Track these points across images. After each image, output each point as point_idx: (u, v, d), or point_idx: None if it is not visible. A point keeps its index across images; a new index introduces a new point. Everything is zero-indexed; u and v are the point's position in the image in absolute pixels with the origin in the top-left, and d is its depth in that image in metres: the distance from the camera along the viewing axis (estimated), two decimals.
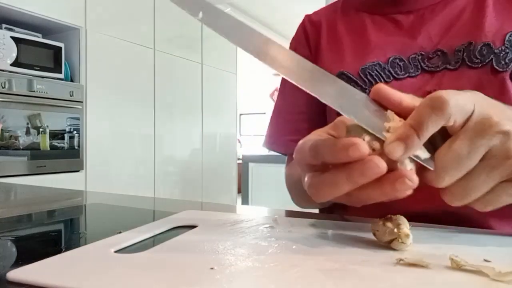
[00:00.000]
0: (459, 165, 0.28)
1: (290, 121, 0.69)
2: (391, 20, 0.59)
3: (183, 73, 3.21)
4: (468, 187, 0.29)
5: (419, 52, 0.54)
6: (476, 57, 0.50)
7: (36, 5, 2.15)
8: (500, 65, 0.49)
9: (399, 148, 0.27)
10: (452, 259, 0.27)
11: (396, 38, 0.57)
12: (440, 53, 0.53)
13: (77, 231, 0.45)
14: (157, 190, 2.95)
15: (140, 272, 0.26)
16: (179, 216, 0.45)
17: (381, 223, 0.32)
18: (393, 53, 0.56)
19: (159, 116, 2.96)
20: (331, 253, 0.31)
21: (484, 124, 0.28)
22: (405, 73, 0.54)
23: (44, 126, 2.19)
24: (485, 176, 0.28)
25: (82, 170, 2.38)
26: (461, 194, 0.29)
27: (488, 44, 0.50)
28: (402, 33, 0.57)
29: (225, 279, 0.25)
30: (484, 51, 0.50)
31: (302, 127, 0.65)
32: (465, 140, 0.28)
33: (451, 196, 0.30)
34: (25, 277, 0.25)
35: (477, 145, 0.28)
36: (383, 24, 0.59)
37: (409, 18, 0.57)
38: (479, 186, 0.29)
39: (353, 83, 0.56)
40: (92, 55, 2.43)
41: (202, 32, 3.43)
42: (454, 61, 0.51)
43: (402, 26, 0.57)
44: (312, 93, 0.29)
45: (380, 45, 0.57)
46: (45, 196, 0.79)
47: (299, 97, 0.68)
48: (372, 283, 0.24)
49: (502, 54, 0.49)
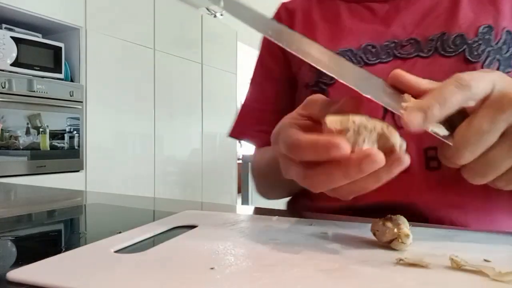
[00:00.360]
0: (480, 140, 0.28)
1: (258, 111, 0.69)
2: (367, 8, 0.59)
3: (183, 73, 3.21)
4: (489, 163, 0.29)
5: (392, 40, 0.55)
6: (449, 46, 0.51)
7: (36, 5, 2.15)
8: (472, 56, 0.49)
9: (419, 116, 0.27)
10: (452, 259, 0.27)
11: (370, 25, 0.57)
12: (413, 41, 0.53)
13: (77, 231, 0.45)
14: (157, 190, 2.95)
15: (140, 272, 0.26)
16: (179, 216, 0.45)
17: (381, 223, 0.32)
18: (367, 40, 0.56)
19: (159, 116, 2.96)
20: (331, 253, 0.31)
21: (504, 100, 0.28)
22: (376, 59, 0.55)
23: (44, 126, 2.19)
24: (506, 151, 0.28)
25: (82, 170, 2.38)
26: (482, 170, 0.29)
27: (461, 35, 0.50)
28: (377, 21, 0.57)
29: (225, 279, 0.25)
30: (458, 41, 0.50)
31: (271, 118, 0.64)
32: (485, 116, 0.28)
33: (473, 173, 0.30)
34: (25, 277, 0.25)
35: (498, 120, 0.28)
36: (358, 11, 0.59)
37: (384, 7, 0.58)
38: (500, 162, 0.29)
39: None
40: (92, 55, 2.43)
41: (202, 32, 3.44)
42: (427, 49, 0.52)
43: (377, 14, 0.58)
44: (332, 73, 0.30)
45: (354, 32, 0.57)
46: (45, 196, 0.79)
47: (268, 90, 0.69)
48: (372, 283, 0.24)
49: (475, 45, 0.50)
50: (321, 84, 0.57)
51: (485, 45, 0.49)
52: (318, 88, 0.57)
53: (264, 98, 0.69)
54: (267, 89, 0.69)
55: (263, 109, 0.68)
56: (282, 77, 0.67)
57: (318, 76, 0.57)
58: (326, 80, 0.56)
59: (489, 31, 0.50)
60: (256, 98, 0.70)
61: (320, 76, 0.57)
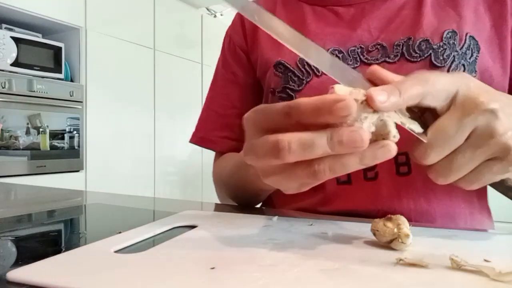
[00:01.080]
0: (446, 142, 0.29)
1: (221, 116, 0.66)
2: (332, 12, 0.58)
3: (183, 73, 3.21)
4: (453, 165, 0.30)
5: (358, 45, 0.54)
6: (415, 51, 0.51)
7: (36, 5, 2.15)
8: (438, 60, 0.50)
9: (383, 94, 0.27)
10: (452, 259, 0.27)
11: (336, 29, 0.56)
12: (379, 47, 0.53)
13: (77, 231, 0.45)
14: (157, 190, 2.95)
15: (140, 272, 0.26)
16: (179, 216, 0.45)
17: (381, 223, 0.32)
18: (332, 44, 0.55)
19: (159, 116, 2.96)
20: (331, 253, 0.31)
21: (470, 103, 0.29)
22: None
23: (44, 126, 2.19)
24: (470, 154, 0.29)
25: (82, 170, 2.38)
26: (446, 171, 0.30)
27: (427, 40, 0.51)
28: (342, 25, 0.56)
29: (225, 279, 0.25)
30: (423, 46, 0.51)
31: (234, 123, 0.63)
32: (452, 119, 0.29)
33: (436, 174, 0.31)
34: (25, 277, 0.25)
35: (463, 123, 0.29)
36: (323, 15, 0.58)
37: (350, 11, 0.57)
38: (464, 164, 0.30)
39: (290, 73, 0.55)
40: (92, 55, 2.43)
41: (202, 32, 3.44)
42: (393, 55, 0.52)
43: (342, 18, 0.57)
44: (308, 59, 0.30)
45: (319, 36, 0.56)
46: (45, 196, 0.79)
47: (232, 94, 0.66)
48: (372, 283, 0.24)
49: (440, 50, 0.50)
50: (288, 90, 0.55)
51: (450, 50, 0.50)
52: (285, 94, 0.56)
53: (228, 103, 0.66)
54: (231, 93, 0.66)
55: (226, 114, 0.65)
56: (246, 82, 0.65)
57: (285, 81, 0.56)
58: (293, 86, 0.55)
59: (453, 36, 0.50)
60: (219, 103, 0.67)
61: (287, 82, 0.55)
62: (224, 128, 0.65)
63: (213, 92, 0.69)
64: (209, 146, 0.67)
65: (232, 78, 0.66)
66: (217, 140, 0.65)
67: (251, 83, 0.64)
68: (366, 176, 0.51)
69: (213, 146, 0.67)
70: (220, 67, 0.69)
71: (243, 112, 0.64)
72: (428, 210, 0.50)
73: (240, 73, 0.65)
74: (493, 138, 0.29)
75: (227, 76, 0.67)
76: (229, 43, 0.68)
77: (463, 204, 0.52)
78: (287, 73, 0.56)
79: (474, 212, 0.53)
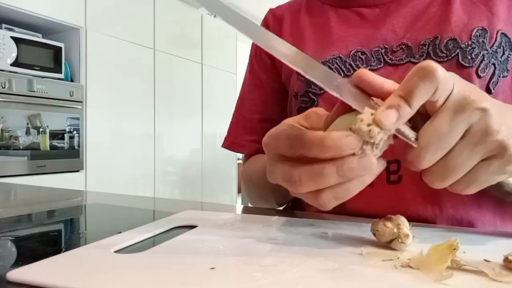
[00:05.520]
0: (440, 142, 0.28)
1: (248, 120, 0.68)
2: (356, 13, 0.57)
3: (183, 73, 3.21)
4: (449, 166, 0.29)
5: (382, 45, 0.53)
6: (441, 51, 0.49)
7: (36, 5, 2.15)
8: (466, 60, 0.48)
9: (393, 115, 0.26)
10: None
11: (359, 30, 0.55)
12: (404, 47, 0.51)
13: (77, 231, 0.45)
14: (157, 190, 2.95)
15: (140, 272, 0.26)
16: (179, 216, 0.45)
17: (381, 223, 0.32)
18: (356, 46, 0.54)
19: (159, 116, 2.95)
20: (331, 253, 0.31)
21: (463, 102, 0.28)
22: (366, 66, 0.53)
23: (44, 126, 2.19)
24: (466, 153, 0.28)
25: (82, 170, 2.38)
26: (443, 173, 0.29)
27: (454, 39, 0.49)
28: (366, 25, 0.55)
29: (225, 279, 0.25)
30: (450, 46, 0.49)
31: (261, 127, 0.65)
32: (445, 118, 0.28)
33: (432, 177, 0.29)
34: (25, 277, 0.25)
35: (457, 122, 0.28)
36: (347, 17, 0.58)
37: (375, 12, 0.56)
38: (461, 164, 0.28)
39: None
40: (92, 55, 2.43)
41: (202, 32, 3.44)
42: (418, 55, 0.50)
43: (366, 19, 0.56)
44: (296, 67, 0.29)
45: (343, 38, 0.55)
46: (45, 196, 0.79)
47: (257, 98, 0.67)
48: (372, 283, 0.24)
49: (469, 49, 0.48)
50: (310, 93, 0.56)
51: (479, 49, 0.47)
52: (307, 98, 0.56)
53: (254, 107, 0.67)
54: (257, 98, 0.67)
55: (253, 118, 0.67)
56: (270, 86, 0.66)
57: (307, 85, 0.56)
58: (315, 90, 0.55)
59: (483, 34, 0.48)
60: (246, 107, 0.69)
61: (309, 85, 0.56)
62: (251, 132, 0.66)
63: (242, 97, 0.71)
64: (238, 149, 0.69)
65: (258, 83, 0.68)
66: (246, 144, 0.67)
67: (277, 88, 0.65)
68: (389, 179, 0.49)
69: (242, 150, 0.69)
70: (248, 72, 0.71)
71: (268, 116, 0.67)
72: (454, 216, 0.47)
73: (265, 78, 0.67)
74: (489, 136, 0.28)
75: (253, 81, 0.69)
76: (255, 49, 0.69)
77: (493, 210, 0.48)
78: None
79: (505, 218, 0.49)
